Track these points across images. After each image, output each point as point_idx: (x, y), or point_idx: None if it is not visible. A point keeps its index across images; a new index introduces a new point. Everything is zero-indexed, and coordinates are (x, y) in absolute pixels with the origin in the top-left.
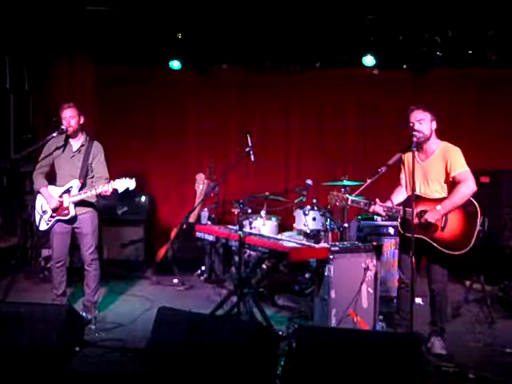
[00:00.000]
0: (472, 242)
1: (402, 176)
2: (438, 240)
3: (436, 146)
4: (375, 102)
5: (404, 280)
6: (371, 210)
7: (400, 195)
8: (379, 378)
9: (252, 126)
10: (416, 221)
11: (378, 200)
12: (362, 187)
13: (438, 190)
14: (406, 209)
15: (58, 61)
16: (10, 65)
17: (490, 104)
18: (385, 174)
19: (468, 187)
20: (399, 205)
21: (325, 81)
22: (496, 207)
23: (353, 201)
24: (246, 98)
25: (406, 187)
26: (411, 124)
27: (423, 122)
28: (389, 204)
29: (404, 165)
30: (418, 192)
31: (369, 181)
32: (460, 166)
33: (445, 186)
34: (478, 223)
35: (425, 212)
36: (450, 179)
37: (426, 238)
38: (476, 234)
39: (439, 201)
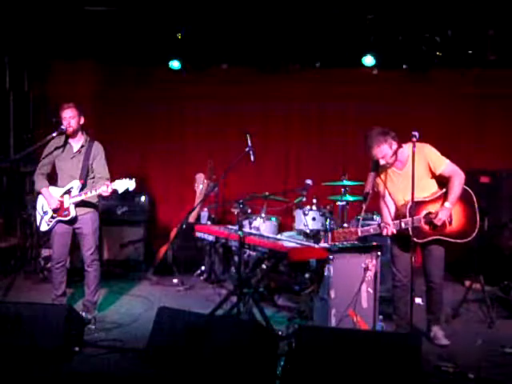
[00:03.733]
0: (478, 223)
1: (381, 188)
2: (450, 234)
3: (406, 150)
4: (375, 102)
5: (400, 278)
6: (385, 233)
7: (391, 208)
8: (379, 378)
9: (252, 125)
10: (426, 224)
11: (388, 221)
12: (362, 211)
13: (428, 188)
14: (415, 217)
15: (57, 61)
16: (9, 65)
17: (490, 104)
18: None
19: (460, 177)
20: (396, 216)
21: (325, 81)
22: (496, 207)
23: (363, 231)
24: (245, 97)
25: (392, 197)
26: (376, 158)
27: (384, 156)
28: (389, 220)
29: (385, 183)
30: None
31: (364, 206)
32: (441, 161)
33: (433, 181)
34: (476, 204)
35: (434, 214)
36: (437, 175)
37: (441, 237)
38: (478, 214)
39: (439, 198)
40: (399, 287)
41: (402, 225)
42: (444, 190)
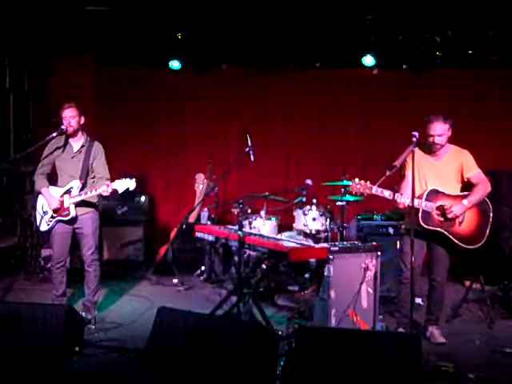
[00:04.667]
0: (485, 238)
1: (408, 173)
2: (455, 234)
3: (447, 147)
4: (375, 102)
5: (407, 276)
6: (398, 200)
7: (408, 190)
8: (379, 378)
9: (252, 126)
10: (437, 214)
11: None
12: (381, 180)
13: (452, 189)
14: (427, 202)
15: (57, 61)
16: (9, 65)
17: (490, 104)
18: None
19: (487, 187)
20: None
21: (325, 81)
22: (495, 207)
23: (377, 190)
24: (245, 98)
25: (414, 184)
26: (431, 135)
27: (442, 136)
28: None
29: (414, 161)
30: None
31: (388, 173)
32: (474, 166)
33: (457, 185)
34: (490, 222)
35: (449, 206)
36: (465, 179)
37: (444, 232)
38: (488, 230)
39: (459, 197)
40: (405, 284)
41: (416, 202)
42: (466, 193)
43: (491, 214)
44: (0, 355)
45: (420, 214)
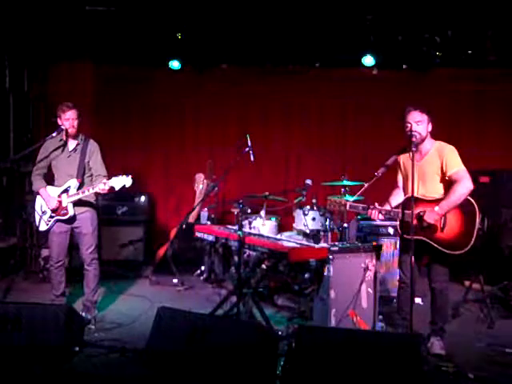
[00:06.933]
0: (472, 241)
1: (400, 178)
2: (438, 240)
3: (431, 145)
4: (375, 102)
5: (405, 280)
6: (369, 214)
7: (398, 197)
8: (379, 378)
9: (252, 125)
10: (416, 222)
11: (376, 204)
12: (360, 191)
13: (435, 189)
14: (405, 211)
15: (57, 61)
16: (9, 65)
17: (490, 104)
18: (384, 176)
19: (464, 186)
20: (397, 207)
21: (324, 81)
22: (495, 207)
23: (351, 206)
24: (245, 98)
25: (404, 189)
26: (408, 124)
27: (420, 124)
28: (387, 207)
29: (400, 167)
30: (416, 193)
31: (366, 184)
32: (456, 164)
33: (441, 185)
34: (477, 222)
35: (423, 213)
36: (447, 178)
37: (426, 239)
38: (476, 233)
39: (437, 202)
40: (404, 288)
41: (391, 213)
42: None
43: (478, 216)
44: (0, 355)
45: (399, 225)
